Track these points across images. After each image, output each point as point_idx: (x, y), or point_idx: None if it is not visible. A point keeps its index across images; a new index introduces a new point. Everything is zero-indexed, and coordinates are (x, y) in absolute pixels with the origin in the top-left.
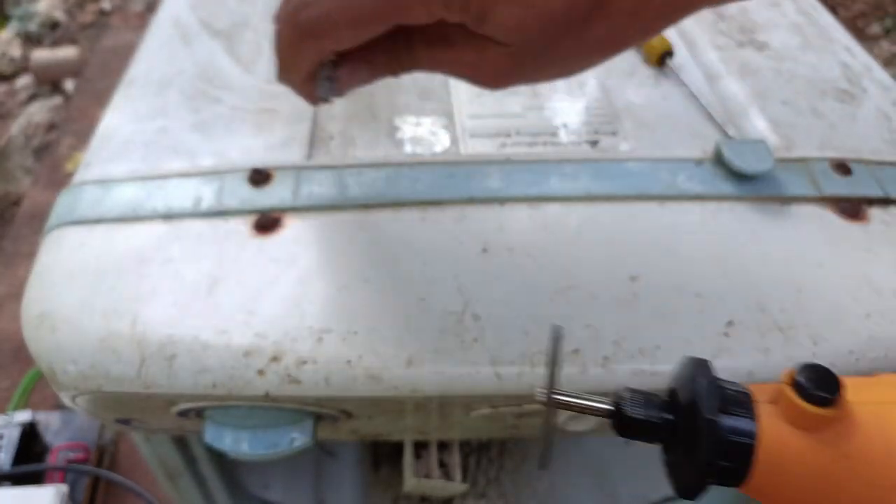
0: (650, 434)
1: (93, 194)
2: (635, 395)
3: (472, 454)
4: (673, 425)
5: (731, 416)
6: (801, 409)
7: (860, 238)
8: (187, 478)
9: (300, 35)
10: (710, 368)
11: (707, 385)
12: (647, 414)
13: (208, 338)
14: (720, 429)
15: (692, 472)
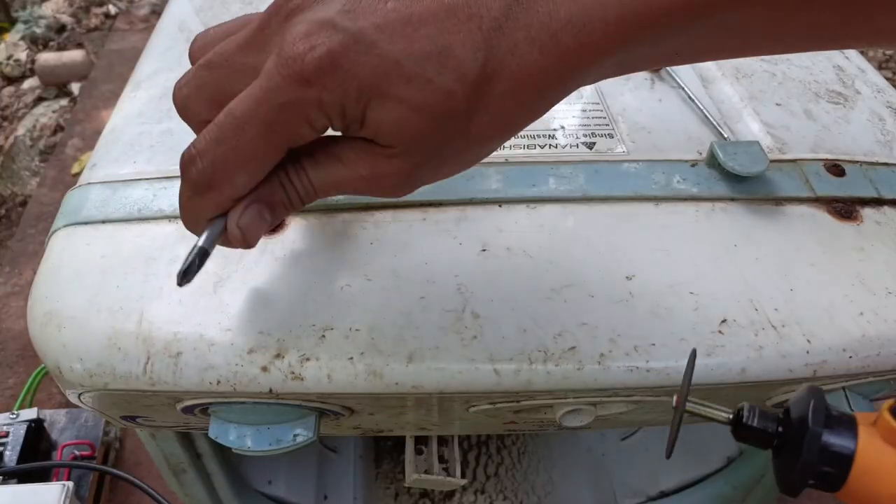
0: (763, 441)
1: (99, 195)
2: (753, 408)
3: (472, 450)
4: (782, 436)
5: (834, 430)
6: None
7: (853, 238)
8: (192, 474)
9: (196, 191)
10: (822, 395)
11: (815, 404)
12: (762, 424)
13: (213, 336)
14: (822, 440)
15: (796, 474)
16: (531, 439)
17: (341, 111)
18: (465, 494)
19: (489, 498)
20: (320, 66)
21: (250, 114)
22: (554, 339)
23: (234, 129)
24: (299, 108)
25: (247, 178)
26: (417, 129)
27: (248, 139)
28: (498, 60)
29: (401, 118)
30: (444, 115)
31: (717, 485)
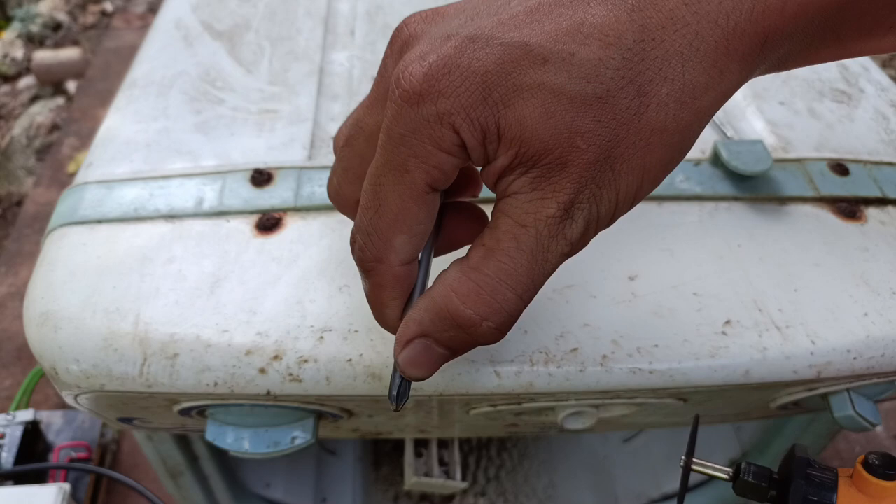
0: (759, 494)
1: (95, 194)
2: (749, 465)
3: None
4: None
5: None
6: (870, 482)
7: (857, 238)
8: (189, 476)
9: (368, 272)
10: (805, 451)
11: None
12: (756, 479)
13: (210, 337)
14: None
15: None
16: (532, 442)
17: (469, 119)
18: (465, 498)
19: (490, 501)
20: (430, 74)
21: (380, 163)
22: (556, 340)
23: (373, 189)
24: (421, 132)
25: (405, 238)
26: (570, 120)
27: (387, 193)
28: (666, 14)
29: (545, 109)
30: (600, 94)
31: (720, 487)
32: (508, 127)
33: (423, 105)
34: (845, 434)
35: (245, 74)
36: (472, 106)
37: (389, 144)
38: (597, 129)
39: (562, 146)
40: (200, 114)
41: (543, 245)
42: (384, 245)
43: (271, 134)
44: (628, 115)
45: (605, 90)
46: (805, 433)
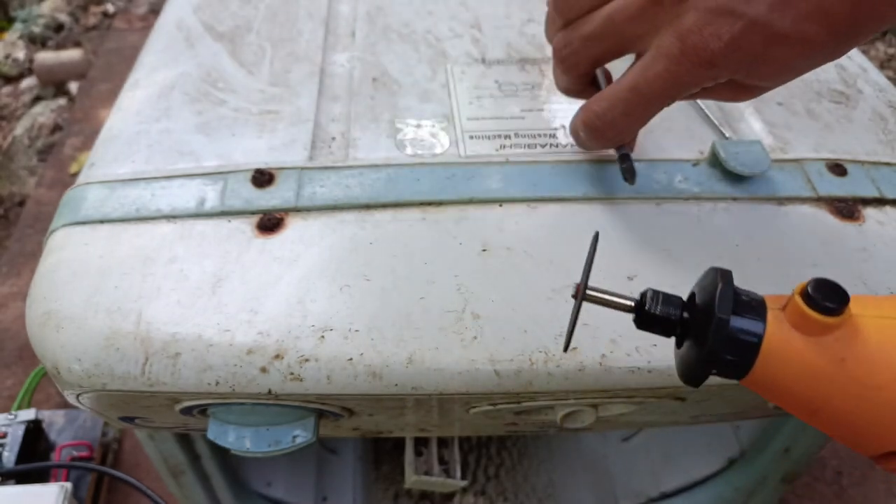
0: (666, 328)
1: (97, 195)
2: (656, 294)
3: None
4: (686, 323)
5: (742, 317)
6: (806, 316)
7: (855, 238)
8: (191, 475)
9: (592, 138)
10: (730, 278)
11: (723, 289)
12: (665, 311)
13: (212, 336)
14: (729, 327)
15: (699, 364)
16: (532, 441)
17: (731, 74)
18: (465, 496)
19: (489, 499)
20: (725, 53)
21: (657, 91)
22: (555, 339)
23: (641, 105)
24: (699, 82)
25: (639, 128)
26: (791, 77)
27: (651, 109)
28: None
29: (778, 75)
30: (816, 60)
31: (719, 486)
32: (752, 79)
33: (711, 69)
34: None
35: (246, 75)
36: (737, 72)
37: (673, 86)
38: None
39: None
40: (202, 114)
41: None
42: (620, 137)
43: (272, 135)
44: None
45: (819, 55)
46: (803, 432)
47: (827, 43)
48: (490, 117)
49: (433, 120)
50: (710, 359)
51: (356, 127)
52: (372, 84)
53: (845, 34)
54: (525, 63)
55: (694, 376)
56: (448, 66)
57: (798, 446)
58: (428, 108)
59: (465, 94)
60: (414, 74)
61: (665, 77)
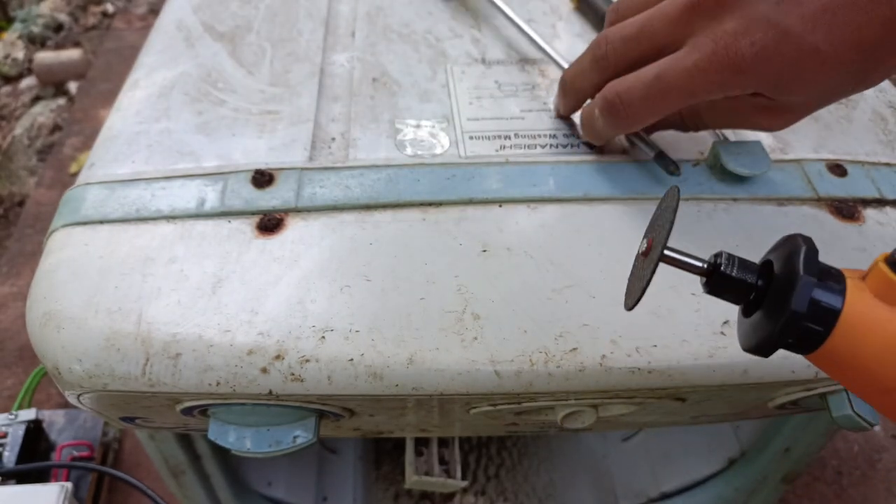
0: (739, 293)
1: (97, 195)
2: (731, 257)
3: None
4: (761, 290)
5: (824, 282)
6: (892, 284)
7: (855, 238)
8: (191, 475)
9: (611, 125)
10: (813, 244)
11: (808, 253)
12: (741, 274)
13: (212, 337)
14: (812, 291)
15: (771, 333)
16: (532, 441)
17: (758, 88)
18: (465, 496)
19: (490, 499)
20: (756, 61)
21: (680, 84)
22: (555, 340)
23: (662, 94)
24: (724, 87)
25: (650, 122)
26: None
27: (669, 100)
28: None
29: (812, 89)
30: (844, 81)
31: (718, 486)
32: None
33: (739, 76)
34: (844, 434)
35: (246, 76)
36: (765, 86)
37: (698, 81)
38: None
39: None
40: (202, 115)
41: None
42: (637, 123)
43: (272, 135)
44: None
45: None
46: (803, 432)
47: (855, 61)
48: (490, 117)
49: (433, 120)
50: (790, 325)
51: (356, 127)
52: (372, 84)
53: (874, 55)
54: (525, 63)
55: (766, 345)
56: (448, 66)
57: (798, 446)
58: (428, 108)
59: (465, 94)
60: (414, 74)
61: (692, 72)
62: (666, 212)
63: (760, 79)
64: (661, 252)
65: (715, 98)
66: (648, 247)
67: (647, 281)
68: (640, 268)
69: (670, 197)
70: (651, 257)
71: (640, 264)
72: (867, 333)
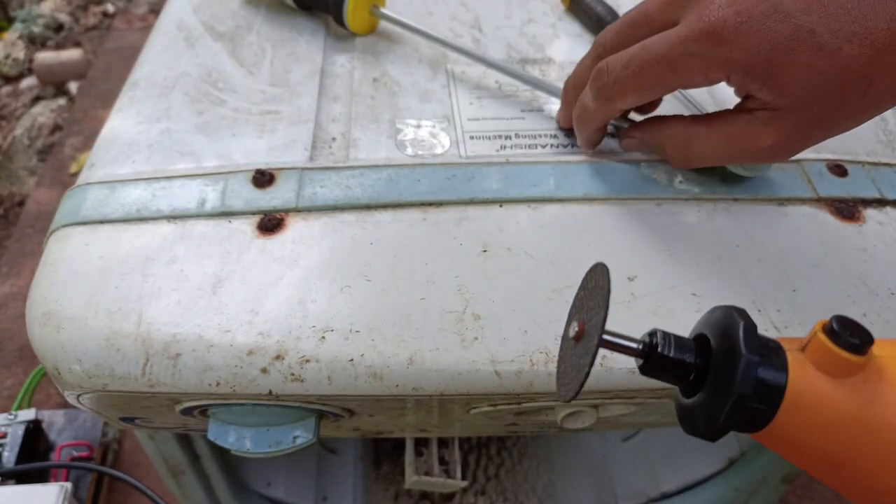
0: (679, 374)
1: (97, 195)
2: (667, 336)
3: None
4: (699, 368)
5: (765, 358)
6: (833, 355)
7: (856, 238)
8: (191, 475)
9: (597, 97)
10: (748, 315)
11: (747, 327)
12: (679, 355)
13: (212, 337)
14: (756, 370)
15: (717, 417)
16: (532, 441)
17: (745, 70)
18: (465, 496)
19: (489, 499)
20: (738, 30)
21: (661, 52)
22: (556, 340)
23: (641, 61)
24: (705, 61)
25: (636, 99)
26: (819, 92)
27: (650, 70)
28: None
29: (806, 81)
30: (847, 79)
31: (719, 486)
32: (775, 82)
33: (720, 46)
34: None
35: (246, 76)
36: (754, 66)
37: (678, 49)
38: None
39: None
40: (202, 115)
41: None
42: (620, 94)
43: (273, 135)
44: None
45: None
46: None
47: (857, 57)
48: (490, 117)
49: (433, 120)
50: (737, 408)
51: (356, 127)
52: (372, 84)
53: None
54: (525, 63)
55: (716, 428)
56: (448, 66)
57: None
58: (428, 108)
59: (466, 94)
60: (414, 75)
61: (675, 42)
62: (597, 292)
63: (746, 54)
64: (600, 338)
65: (697, 79)
66: (580, 331)
67: (587, 372)
68: (574, 354)
69: (600, 276)
70: (586, 344)
71: (572, 350)
72: (813, 407)
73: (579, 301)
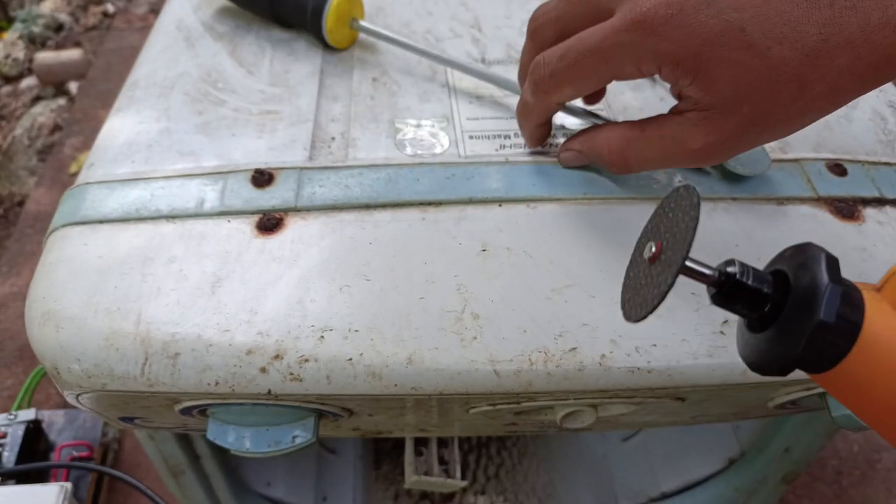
0: (753, 304)
1: (97, 195)
2: (745, 266)
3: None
4: (774, 302)
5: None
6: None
7: (855, 238)
8: (190, 475)
9: (534, 90)
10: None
11: (829, 262)
12: (757, 283)
13: (211, 336)
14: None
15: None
16: (531, 440)
17: (675, 63)
18: (465, 496)
19: (489, 499)
20: (668, 21)
21: (594, 43)
22: (555, 339)
23: (576, 52)
24: (635, 51)
25: (572, 91)
26: (748, 91)
27: (584, 62)
28: (845, 36)
29: (734, 79)
30: (777, 81)
31: (718, 486)
32: (703, 78)
33: (650, 37)
34: (843, 434)
35: (246, 76)
36: (683, 59)
37: (609, 40)
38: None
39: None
40: (202, 115)
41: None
42: (557, 87)
43: (272, 135)
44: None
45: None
46: (803, 432)
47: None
48: (490, 117)
49: (433, 120)
50: (816, 338)
51: (356, 127)
52: (371, 84)
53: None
54: None
55: (784, 362)
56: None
57: (798, 446)
58: (427, 107)
59: (465, 93)
60: (413, 74)
61: (608, 33)
62: (683, 216)
63: (675, 46)
64: (685, 259)
65: (629, 70)
66: (657, 252)
67: (667, 291)
68: (649, 275)
69: (685, 198)
70: (667, 265)
71: (646, 271)
72: (888, 349)
73: (654, 225)
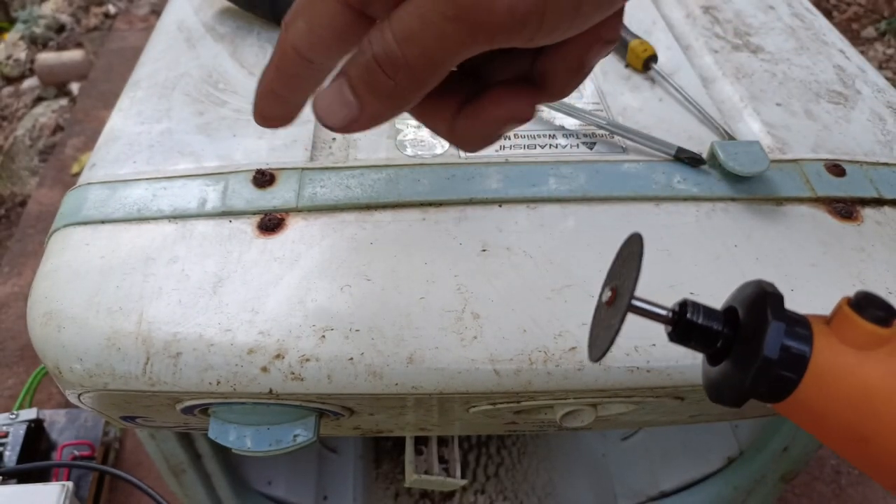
0: (706, 341)
1: (98, 195)
2: (696, 305)
3: (472, 450)
4: (726, 337)
5: (791, 327)
6: (858, 328)
7: (854, 238)
8: (192, 474)
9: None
10: (777, 289)
11: (774, 298)
12: (707, 322)
13: (213, 336)
14: (782, 337)
15: (743, 381)
16: (531, 439)
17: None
18: (465, 495)
19: (489, 498)
20: None
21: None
22: (554, 339)
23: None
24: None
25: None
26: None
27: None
28: None
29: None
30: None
31: (717, 485)
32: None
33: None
34: None
35: (247, 76)
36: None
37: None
38: None
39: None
40: (203, 115)
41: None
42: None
43: (273, 135)
44: None
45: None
46: (801, 432)
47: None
48: None
49: None
50: (762, 373)
51: None
52: None
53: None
54: None
55: (738, 395)
56: None
57: (797, 445)
58: None
59: None
60: None
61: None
62: (630, 259)
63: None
64: (629, 303)
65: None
66: (613, 296)
67: (616, 332)
68: (606, 317)
69: (633, 243)
70: (617, 307)
71: (604, 314)
72: (837, 379)
73: (614, 269)
